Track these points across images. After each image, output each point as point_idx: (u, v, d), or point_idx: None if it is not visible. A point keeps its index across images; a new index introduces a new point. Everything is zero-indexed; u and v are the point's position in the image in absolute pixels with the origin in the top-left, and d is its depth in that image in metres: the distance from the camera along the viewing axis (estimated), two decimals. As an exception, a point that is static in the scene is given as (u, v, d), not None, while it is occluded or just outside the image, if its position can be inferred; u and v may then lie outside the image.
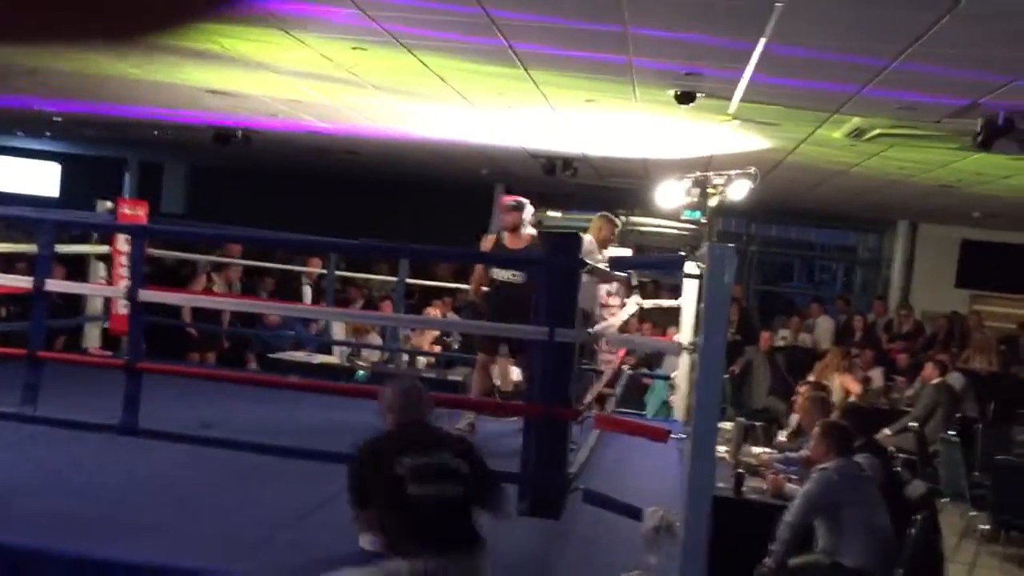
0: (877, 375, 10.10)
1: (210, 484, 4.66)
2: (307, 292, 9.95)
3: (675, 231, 15.34)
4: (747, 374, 10.17)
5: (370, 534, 3.40)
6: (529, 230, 5.81)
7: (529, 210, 5.82)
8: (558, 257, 3.97)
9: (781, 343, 11.40)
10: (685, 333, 7.23)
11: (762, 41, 4.34)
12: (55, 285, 4.85)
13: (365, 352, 8.76)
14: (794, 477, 5.58)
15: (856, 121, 6.25)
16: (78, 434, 4.69)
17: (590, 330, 4.90)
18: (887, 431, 8.71)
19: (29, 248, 8.67)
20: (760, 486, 5.51)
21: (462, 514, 3.14)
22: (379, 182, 14.23)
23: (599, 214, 6.63)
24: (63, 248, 7.48)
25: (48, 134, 13.31)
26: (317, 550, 3.89)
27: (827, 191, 10.64)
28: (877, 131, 6.46)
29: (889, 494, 4.92)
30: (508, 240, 5.78)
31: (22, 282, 5.00)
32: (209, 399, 6.03)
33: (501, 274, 5.69)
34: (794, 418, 7.34)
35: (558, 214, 14.53)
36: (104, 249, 7.98)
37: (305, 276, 9.93)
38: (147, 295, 4.38)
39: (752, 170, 7.53)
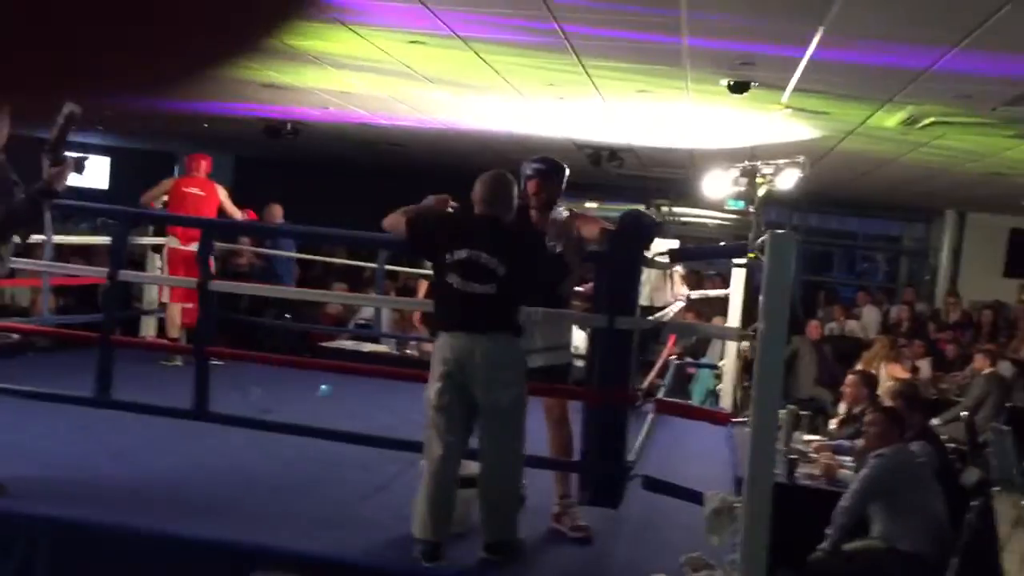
0: (925, 365, 10.04)
1: (273, 467, 4.79)
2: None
3: (717, 221, 15.31)
4: (792, 363, 10.14)
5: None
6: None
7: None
8: (622, 244, 4.02)
9: (828, 333, 11.37)
10: (733, 322, 7.27)
11: (820, 29, 4.36)
12: (130, 276, 5.03)
13: (414, 341, 8.87)
14: (846, 463, 5.60)
15: (910, 109, 6.23)
16: (146, 418, 4.84)
17: (651, 318, 4.95)
18: (936, 420, 8.66)
19: (81, 239, 8.99)
20: (812, 472, 5.54)
21: (491, 306, 3.65)
22: (422, 174, 14.33)
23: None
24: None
25: (99, 128, 13.55)
26: (381, 529, 4.01)
27: (874, 180, 10.58)
28: (931, 119, 6.43)
29: (943, 481, 4.94)
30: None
31: (97, 273, 5.18)
32: (259, 385, 6.14)
33: None
34: (843, 406, 7.34)
35: (594, 205, 14.54)
36: (159, 240, 8.16)
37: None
38: (218, 286, 4.51)
39: (801, 159, 7.52)
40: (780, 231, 3.51)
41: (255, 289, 7.03)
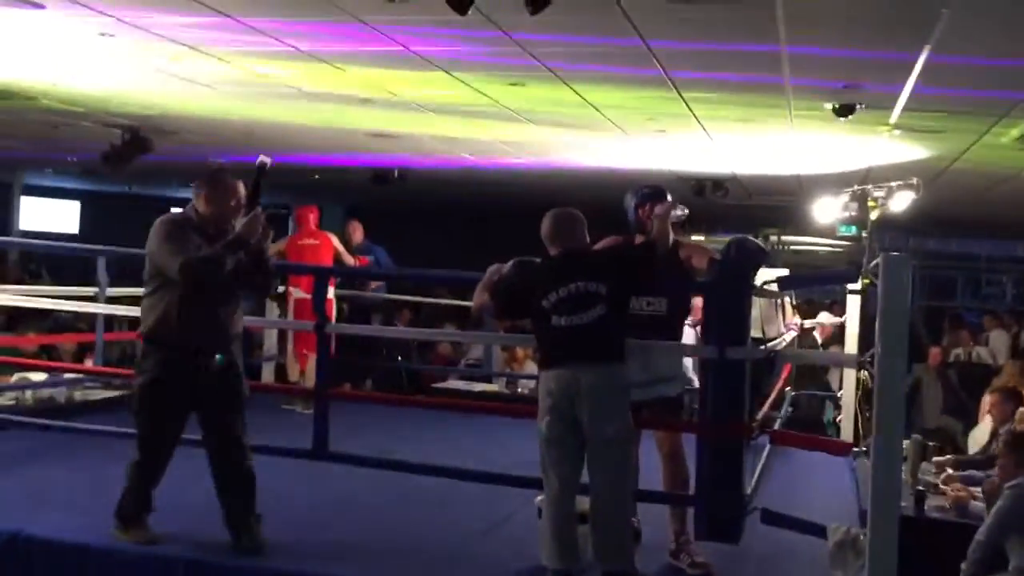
0: (1060, 390, 9.52)
1: (392, 505, 4.87)
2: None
3: (828, 249, 14.96)
4: (915, 393, 9.76)
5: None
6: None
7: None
8: (729, 272, 3.98)
9: (953, 359, 10.91)
10: (850, 349, 7.07)
11: (926, 49, 4.27)
12: (254, 322, 5.29)
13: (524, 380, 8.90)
14: (978, 494, 5.35)
15: (1027, 124, 6.02)
16: (268, 461, 4.98)
17: (763, 347, 4.87)
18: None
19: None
20: (942, 504, 5.31)
21: (598, 333, 3.71)
22: (525, 215, 14.46)
23: None
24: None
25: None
26: (501, 565, 4.04)
27: (994, 199, 10.18)
28: (1050, 132, 6.19)
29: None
30: None
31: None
32: (374, 427, 6.27)
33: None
34: (984, 427, 6.96)
35: (701, 237, 14.41)
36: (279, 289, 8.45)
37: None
38: (334, 328, 4.66)
39: (914, 180, 7.30)
40: (894, 253, 3.43)
41: (373, 330, 7.20)
